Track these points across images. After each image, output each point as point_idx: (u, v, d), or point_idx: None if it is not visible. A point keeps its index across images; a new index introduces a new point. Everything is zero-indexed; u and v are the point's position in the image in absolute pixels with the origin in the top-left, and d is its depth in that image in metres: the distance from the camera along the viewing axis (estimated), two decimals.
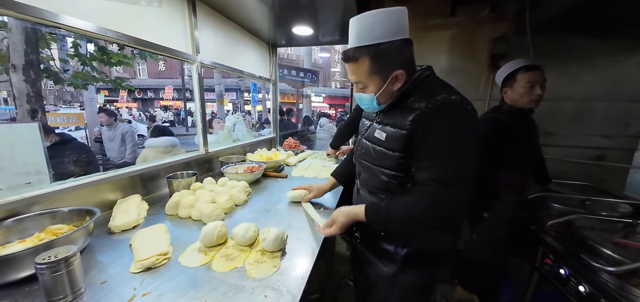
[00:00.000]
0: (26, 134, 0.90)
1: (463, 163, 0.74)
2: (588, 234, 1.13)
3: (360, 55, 0.79)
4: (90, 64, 4.53)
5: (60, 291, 0.62)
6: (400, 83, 0.81)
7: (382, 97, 0.84)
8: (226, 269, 0.77)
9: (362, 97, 0.87)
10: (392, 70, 0.79)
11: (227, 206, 1.19)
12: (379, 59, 0.78)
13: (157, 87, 17.46)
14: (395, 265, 0.92)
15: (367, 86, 0.83)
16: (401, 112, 0.81)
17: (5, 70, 3.60)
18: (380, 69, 0.79)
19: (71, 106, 14.07)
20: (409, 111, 0.78)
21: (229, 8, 1.82)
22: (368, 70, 0.80)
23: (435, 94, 0.76)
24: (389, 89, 0.82)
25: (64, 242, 0.73)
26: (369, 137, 0.94)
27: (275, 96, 2.97)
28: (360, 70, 0.81)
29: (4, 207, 0.84)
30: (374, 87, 0.82)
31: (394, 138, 0.82)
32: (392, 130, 0.83)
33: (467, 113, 0.75)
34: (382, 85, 0.81)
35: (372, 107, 0.88)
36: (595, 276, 0.98)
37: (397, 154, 0.82)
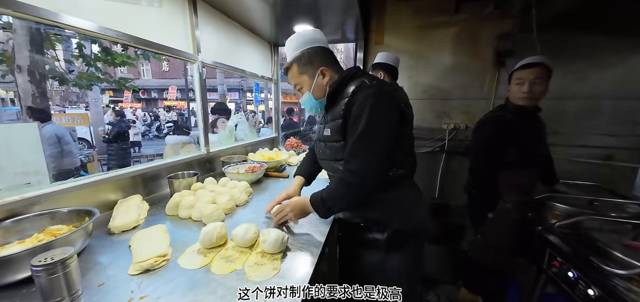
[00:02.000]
0: (25, 134, 0.90)
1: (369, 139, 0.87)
2: (597, 235, 1.10)
3: (290, 63, 1.02)
4: (94, 65, 4.57)
5: (57, 294, 0.61)
6: (328, 78, 0.99)
7: (316, 92, 1.01)
8: (225, 271, 0.76)
9: (304, 100, 1.04)
10: (316, 68, 0.99)
11: (227, 207, 1.18)
12: (303, 61, 1.00)
13: (160, 88, 17.57)
14: (381, 252, 1.01)
15: (302, 86, 1.02)
16: (337, 105, 0.97)
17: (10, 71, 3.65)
18: (306, 69, 1.00)
19: (77, 107, 14.22)
20: (341, 100, 0.95)
21: (229, 7, 1.81)
22: (298, 73, 1.01)
23: (361, 81, 0.93)
24: (320, 84, 1.00)
25: (62, 243, 0.72)
26: (321, 137, 1.08)
27: (277, 96, 2.96)
28: (293, 75, 1.02)
29: (4, 207, 0.84)
30: (306, 85, 1.01)
31: (335, 129, 0.96)
32: (333, 123, 0.98)
33: (382, 94, 0.88)
34: (311, 82, 1.00)
35: (314, 105, 1.03)
36: (604, 279, 0.95)
37: (340, 143, 0.96)
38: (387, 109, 0.89)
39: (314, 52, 1.00)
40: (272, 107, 3.07)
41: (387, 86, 0.95)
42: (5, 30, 3.43)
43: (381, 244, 1.00)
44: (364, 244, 1.06)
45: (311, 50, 0.99)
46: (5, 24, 3.28)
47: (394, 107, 0.91)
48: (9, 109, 9.67)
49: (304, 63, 1.00)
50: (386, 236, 0.99)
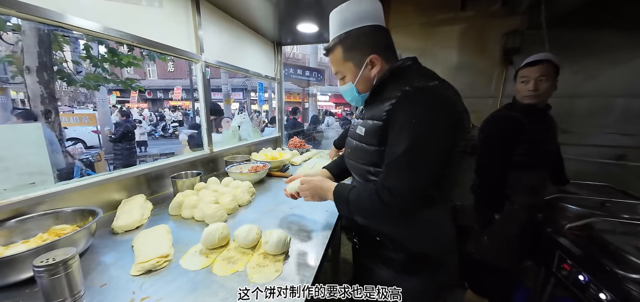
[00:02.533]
0: (30, 135, 0.90)
1: (417, 159, 0.71)
2: (609, 238, 1.07)
3: (333, 45, 0.83)
4: (101, 66, 4.63)
5: (59, 294, 0.61)
6: (377, 68, 0.80)
7: (361, 85, 0.84)
8: (227, 273, 0.75)
9: (345, 90, 0.88)
10: (365, 55, 0.80)
11: (230, 207, 1.17)
12: (350, 44, 0.81)
13: (166, 88, 17.76)
14: (392, 270, 0.87)
15: (345, 75, 0.85)
16: (380, 104, 0.79)
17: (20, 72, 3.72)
18: (352, 55, 0.81)
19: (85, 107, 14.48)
20: (386, 101, 0.76)
21: (233, 6, 1.80)
22: (342, 58, 0.83)
23: (412, 80, 0.74)
24: (366, 76, 0.82)
25: (65, 243, 0.72)
26: (353, 135, 0.92)
27: (280, 95, 2.96)
28: (336, 59, 0.84)
29: (9, 207, 0.85)
30: (351, 75, 0.84)
31: (372, 131, 0.80)
32: (370, 124, 0.81)
33: (439, 98, 0.71)
34: (357, 72, 0.82)
35: (355, 98, 0.88)
36: (617, 283, 0.92)
37: (375, 148, 0.80)
38: (445, 124, 0.71)
39: (366, 33, 0.79)
40: (275, 107, 3.07)
41: (448, 90, 0.74)
42: (15, 32, 3.49)
43: (396, 264, 0.87)
44: (378, 259, 0.92)
45: (361, 31, 0.79)
46: (15, 26, 3.34)
47: (452, 122, 0.72)
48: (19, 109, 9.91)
49: (350, 47, 0.81)
50: (402, 257, 0.85)
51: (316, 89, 11.95)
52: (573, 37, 1.84)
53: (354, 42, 0.80)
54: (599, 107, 1.90)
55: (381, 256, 0.90)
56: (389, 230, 0.87)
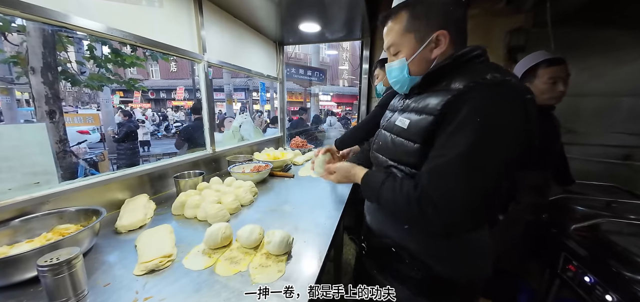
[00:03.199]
0: (34, 134, 0.91)
1: (476, 167, 0.56)
2: (615, 239, 1.05)
3: (398, 10, 0.68)
4: (105, 66, 4.66)
5: (62, 294, 0.61)
6: (441, 49, 0.66)
7: (415, 65, 0.70)
8: (230, 273, 0.75)
9: (391, 68, 0.74)
10: (432, 29, 0.65)
11: (232, 207, 1.17)
12: (418, 12, 0.66)
13: (169, 88, 17.87)
14: (407, 289, 0.74)
15: (399, 50, 0.71)
16: (434, 95, 0.65)
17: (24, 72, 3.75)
18: (417, 25, 0.67)
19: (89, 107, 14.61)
20: (441, 94, 0.63)
21: (235, 6, 1.80)
22: (404, 28, 0.68)
23: (481, 73, 0.60)
24: (425, 55, 0.68)
25: (69, 242, 0.72)
26: (390, 127, 0.78)
27: (282, 95, 2.96)
28: (395, 29, 0.70)
29: (13, 206, 0.85)
30: (407, 49, 0.69)
31: (419, 126, 0.66)
32: (418, 117, 0.67)
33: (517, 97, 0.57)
34: (417, 47, 0.67)
35: (402, 79, 0.73)
36: (624, 285, 0.91)
37: (418, 146, 0.66)
38: (518, 129, 0.57)
39: (443, 2, 0.65)
40: (277, 107, 3.07)
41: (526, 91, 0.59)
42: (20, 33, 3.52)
43: (411, 283, 0.75)
44: (390, 273, 0.80)
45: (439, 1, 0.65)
46: (20, 26, 3.37)
47: (524, 129, 0.58)
48: (24, 109, 10.03)
49: (419, 14, 0.66)
50: (421, 276, 0.73)
51: (318, 89, 11.95)
52: (578, 35, 1.82)
53: (425, 9, 0.65)
54: (605, 107, 1.88)
55: (395, 270, 0.77)
56: (413, 244, 0.74)
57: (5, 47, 4.25)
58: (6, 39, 3.92)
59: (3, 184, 0.85)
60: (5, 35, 3.94)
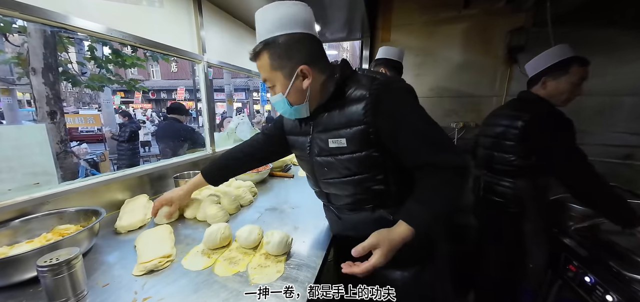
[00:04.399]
0: (34, 135, 0.91)
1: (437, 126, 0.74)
2: (616, 239, 1.05)
3: (260, 50, 0.74)
4: (105, 67, 4.67)
5: (62, 294, 0.61)
6: (310, 80, 0.74)
7: (292, 97, 0.76)
8: (228, 273, 0.75)
9: (275, 100, 0.80)
10: (296, 65, 0.72)
11: (232, 207, 1.17)
12: (278, 53, 0.72)
13: (169, 88, 17.88)
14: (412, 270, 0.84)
15: (274, 84, 0.77)
16: (345, 108, 0.74)
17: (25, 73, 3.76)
18: (282, 64, 0.73)
19: (90, 108, 14.65)
20: (354, 103, 0.73)
21: (234, 6, 1.81)
22: (270, 66, 0.74)
23: (367, 81, 0.73)
24: (298, 87, 0.75)
25: (69, 243, 0.73)
26: (325, 152, 0.81)
27: None
28: (264, 66, 0.76)
29: (13, 207, 0.86)
30: (281, 85, 0.76)
31: (355, 137, 0.74)
32: (349, 130, 0.74)
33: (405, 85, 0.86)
34: (287, 82, 0.74)
35: (288, 111, 0.80)
36: (624, 285, 0.91)
37: (365, 152, 0.75)
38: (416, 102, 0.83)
39: (297, 41, 0.72)
40: None
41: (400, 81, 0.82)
42: (21, 34, 3.54)
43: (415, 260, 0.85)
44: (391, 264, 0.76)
45: (291, 39, 0.71)
46: (20, 27, 3.38)
47: None
48: (25, 110, 10.07)
49: (279, 55, 0.72)
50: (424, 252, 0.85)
51: None
52: (579, 35, 1.81)
53: (282, 50, 0.72)
54: (606, 106, 1.87)
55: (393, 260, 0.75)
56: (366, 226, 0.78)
57: (6, 48, 4.27)
58: (7, 39, 3.93)
59: (3, 185, 0.86)
60: (6, 36, 3.95)
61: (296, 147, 0.94)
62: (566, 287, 1.18)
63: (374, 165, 0.76)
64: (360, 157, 0.75)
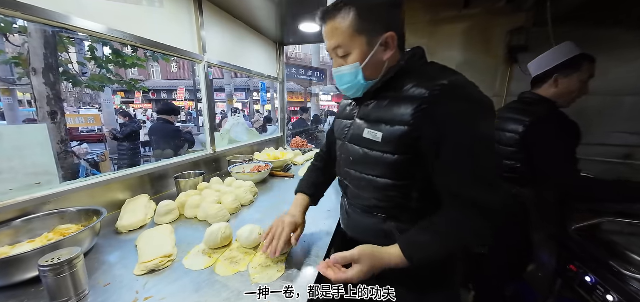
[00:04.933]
0: (35, 135, 0.91)
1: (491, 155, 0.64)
2: (617, 238, 1.05)
3: (343, 7, 0.63)
4: (106, 67, 4.68)
5: (64, 294, 0.61)
6: (391, 52, 0.66)
7: (369, 70, 0.67)
8: (230, 273, 0.75)
9: (342, 73, 0.69)
10: (382, 31, 0.63)
11: (233, 207, 1.17)
12: (366, 12, 0.62)
13: (170, 89, 17.89)
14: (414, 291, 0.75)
15: (349, 52, 0.66)
16: (396, 103, 0.65)
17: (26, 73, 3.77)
18: (368, 27, 0.63)
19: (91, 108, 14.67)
20: (407, 101, 0.63)
21: (235, 6, 1.81)
22: (353, 29, 0.63)
23: (434, 77, 0.62)
24: (378, 59, 0.66)
25: (70, 242, 0.73)
26: (357, 139, 0.74)
27: (282, 95, 2.96)
28: (342, 28, 0.64)
29: (15, 207, 0.86)
30: (359, 53, 0.65)
31: (394, 137, 0.65)
32: (390, 128, 0.66)
33: (480, 96, 0.62)
34: (368, 51, 0.64)
35: (356, 85, 0.70)
36: (625, 285, 0.91)
37: (398, 156, 0.66)
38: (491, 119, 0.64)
39: (390, 3, 0.64)
40: (278, 107, 3.07)
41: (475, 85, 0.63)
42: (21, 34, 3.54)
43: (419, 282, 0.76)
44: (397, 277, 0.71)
45: (385, 1, 0.63)
46: (21, 28, 3.39)
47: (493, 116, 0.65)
48: (26, 110, 10.08)
49: (366, 16, 0.62)
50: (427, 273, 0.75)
51: (318, 89, 11.95)
52: (579, 34, 1.80)
53: (373, 10, 0.62)
54: (607, 106, 1.87)
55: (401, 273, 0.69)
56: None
57: (7, 48, 4.27)
58: (8, 40, 3.94)
59: (5, 185, 0.86)
60: (7, 36, 3.96)
61: (337, 132, 0.87)
62: (567, 287, 1.17)
63: (401, 172, 0.68)
64: (390, 160, 0.67)
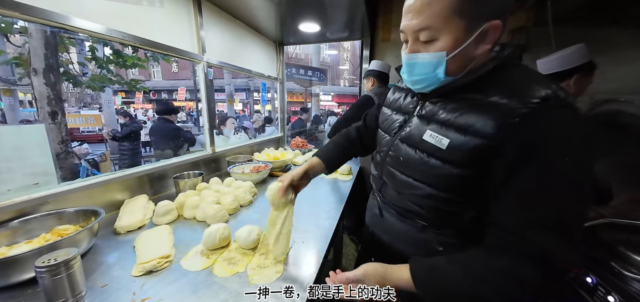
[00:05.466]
0: (34, 136, 0.91)
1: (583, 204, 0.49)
2: (618, 239, 1.04)
3: None
4: (106, 67, 4.68)
5: (60, 295, 0.61)
6: (487, 46, 0.53)
7: (456, 63, 0.54)
8: (227, 274, 0.75)
9: (418, 61, 0.57)
10: (488, 17, 0.50)
11: (231, 207, 1.17)
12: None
13: (170, 89, 17.91)
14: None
15: (437, 38, 0.53)
16: (474, 109, 0.54)
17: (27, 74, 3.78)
18: (470, 9, 0.50)
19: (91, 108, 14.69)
20: (492, 110, 0.52)
21: (234, 6, 1.80)
22: (451, 7, 0.50)
23: (527, 87, 0.51)
24: (470, 52, 0.53)
25: (68, 243, 0.72)
26: (413, 141, 0.64)
27: (282, 95, 2.96)
28: (438, 6, 0.51)
29: (13, 207, 0.86)
30: (450, 40, 0.52)
31: (464, 148, 0.54)
32: (461, 137, 0.54)
33: (579, 120, 0.50)
34: (463, 38, 0.52)
35: (429, 79, 0.58)
36: (626, 286, 0.90)
37: (462, 170, 0.55)
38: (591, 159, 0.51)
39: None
40: (278, 107, 3.07)
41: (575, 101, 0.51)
42: (22, 35, 3.55)
43: None
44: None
45: None
46: (22, 28, 3.39)
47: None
48: (26, 110, 10.11)
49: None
50: None
51: (319, 89, 11.95)
52: (579, 34, 1.80)
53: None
54: None
55: None
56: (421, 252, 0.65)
57: (7, 48, 4.28)
58: (8, 40, 3.94)
59: (2, 185, 0.86)
60: (7, 37, 3.96)
61: (383, 123, 0.78)
62: (567, 288, 1.17)
63: (462, 189, 0.58)
64: (451, 173, 0.56)
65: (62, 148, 3.19)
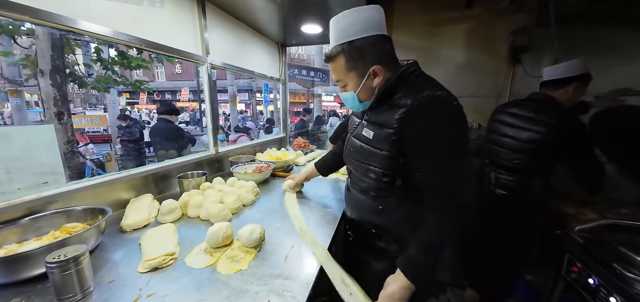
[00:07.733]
0: (43, 136, 0.94)
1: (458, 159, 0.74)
2: (620, 240, 1.04)
3: (336, 53, 0.81)
4: (111, 68, 4.74)
5: (70, 290, 0.63)
6: (380, 79, 0.80)
7: (363, 94, 0.84)
8: (230, 272, 0.76)
9: (345, 97, 0.88)
10: (368, 66, 0.79)
11: (234, 206, 1.19)
12: (353, 55, 0.79)
13: (174, 90, 18.05)
14: (387, 262, 0.85)
15: (346, 84, 0.85)
16: (388, 110, 0.79)
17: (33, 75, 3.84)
18: (356, 65, 0.80)
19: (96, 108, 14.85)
20: (395, 108, 0.77)
21: (238, 8, 1.82)
22: (344, 68, 0.81)
23: (420, 89, 0.74)
24: (368, 86, 0.82)
25: (76, 240, 0.74)
26: (358, 135, 0.92)
27: (285, 96, 2.97)
28: (338, 68, 0.83)
29: (22, 206, 0.88)
30: (353, 84, 0.83)
31: (382, 137, 0.80)
32: (380, 130, 0.81)
33: (452, 109, 0.73)
34: (360, 81, 0.81)
35: (356, 106, 0.88)
36: (628, 287, 0.90)
37: (385, 153, 0.81)
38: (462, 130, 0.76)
39: (372, 43, 0.77)
40: (280, 108, 3.09)
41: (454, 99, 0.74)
42: (29, 36, 3.61)
43: (391, 255, 0.86)
44: (373, 251, 0.94)
45: (365, 42, 0.77)
46: (29, 30, 3.45)
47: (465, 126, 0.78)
48: (33, 111, 10.25)
49: (353, 57, 0.79)
50: (397, 248, 0.85)
51: (321, 90, 11.95)
52: (582, 34, 1.80)
53: (358, 53, 0.78)
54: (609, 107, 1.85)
55: (377, 247, 0.93)
56: (387, 221, 0.89)
57: (15, 50, 4.35)
58: (16, 42, 4.01)
59: (13, 184, 0.88)
60: (15, 39, 4.03)
61: (349, 126, 1.04)
62: (569, 289, 1.17)
63: (386, 165, 0.82)
64: (377, 154, 0.83)
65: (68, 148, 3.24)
